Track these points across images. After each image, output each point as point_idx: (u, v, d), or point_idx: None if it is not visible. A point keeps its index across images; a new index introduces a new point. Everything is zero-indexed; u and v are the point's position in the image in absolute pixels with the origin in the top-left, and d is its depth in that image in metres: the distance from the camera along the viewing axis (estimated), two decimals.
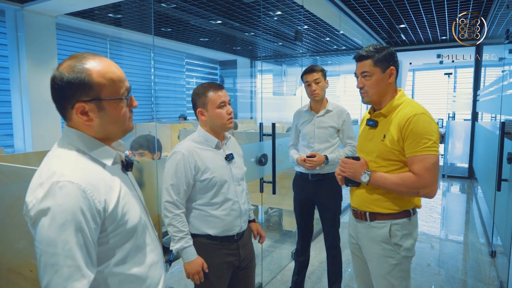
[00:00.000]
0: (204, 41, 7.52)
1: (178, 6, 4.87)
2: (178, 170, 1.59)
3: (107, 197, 0.91)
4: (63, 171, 0.86)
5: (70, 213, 0.82)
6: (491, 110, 5.20)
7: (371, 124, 1.62)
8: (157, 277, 1.06)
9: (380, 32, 6.36)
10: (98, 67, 0.91)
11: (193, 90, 1.72)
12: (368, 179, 1.53)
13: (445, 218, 4.91)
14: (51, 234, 0.81)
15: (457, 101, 7.68)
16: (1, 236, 1.70)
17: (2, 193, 1.70)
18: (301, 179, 2.64)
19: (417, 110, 1.48)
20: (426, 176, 1.43)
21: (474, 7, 4.76)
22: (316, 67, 2.50)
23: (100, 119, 0.93)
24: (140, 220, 1.02)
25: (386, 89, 1.56)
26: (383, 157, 1.53)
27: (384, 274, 1.56)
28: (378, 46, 1.56)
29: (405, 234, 1.53)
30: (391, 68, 1.54)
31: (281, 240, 3.97)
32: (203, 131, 1.70)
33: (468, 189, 6.48)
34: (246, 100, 9.38)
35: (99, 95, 0.91)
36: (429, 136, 1.44)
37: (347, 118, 2.55)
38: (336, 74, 10.03)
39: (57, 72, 0.90)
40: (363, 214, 1.60)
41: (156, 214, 1.87)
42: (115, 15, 5.48)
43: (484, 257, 3.53)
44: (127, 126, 1.00)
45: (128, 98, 0.98)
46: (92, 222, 0.86)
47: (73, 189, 0.84)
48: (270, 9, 4.97)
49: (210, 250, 1.66)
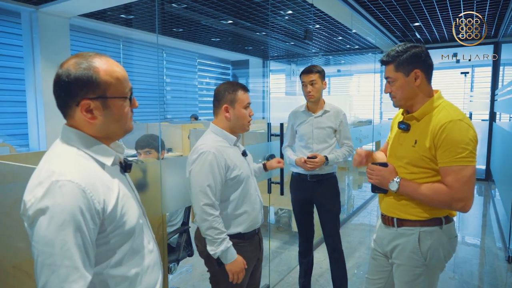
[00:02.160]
0: (216, 41, 7.54)
1: (189, 6, 4.89)
2: (213, 170, 1.57)
3: (106, 198, 0.90)
4: (63, 170, 0.85)
5: (69, 213, 0.81)
6: (509, 110, 5.03)
7: (402, 127, 1.51)
8: (153, 280, 1.05)
9: (394, 30, 6.24)
10: (104, 65, 0.92)
11: (219, 86, 1.72)
12: (397, 187, 1.45)
13: (461, 221, 4.78)
14: (49, 234, 0.80)
15: (475, 101, 7.47)
16: (6, 233, 1.72)
17: (8, 191, 1.72)
18: (299, 180, 2.59)
19: (453, 115, 1.36)
20: (460, 189, 1.33)
21: (491, 5, 4.62)
22: (314, 68, 2.47)
23: (103, 117, 0.93)
24: (138, 222, 1.00)
25: (414, 93, 1.45)
26: (414, 163, 1.44)
27: (407, 281, 1.49)
28: (402, 47, 1.45)
29: (434, 243, 1.44)
30: (415, 71, 1.43)
31: (290, 242, 3.93)
32: (219, 129, 1.70)
33: (485, 191, 6.29)
34: (258, 100, 9.35)
35: (105, 93, 0.91)
36: (465, 146, 1.32)
37: (344, 119, 2.54)
38: (349, 73, 9.91)
39: (62, 69, 0.90)
40: (390, 219, 1.53)
41: (160, 214, 1.86)
42: (127, 16, 5.54)
43: (500, 263, 3.41)
44: (128, 126, 1.00)
45: (131, 98, 0.98)
46: (91, 222, 0.85)
47: (73, 188, 0.83)
48: (280, 8, 4.93)
49: (238, 249, 1.65)
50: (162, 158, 2.36)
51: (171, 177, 1.94)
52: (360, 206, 5.29)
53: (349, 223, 4.58)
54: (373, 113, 5.96)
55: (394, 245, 1.53)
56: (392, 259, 1.56)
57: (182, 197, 2.02)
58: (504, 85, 5.92)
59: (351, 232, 4.24)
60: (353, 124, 5.64)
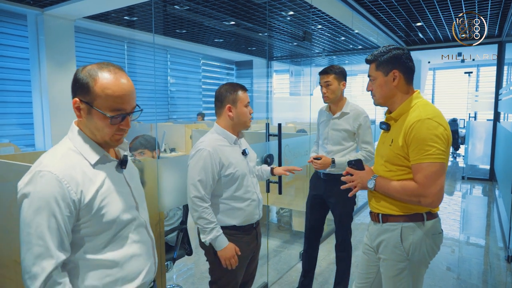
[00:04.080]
0: (219, 42, 7.59)
1: (191, 8, 4.94)
2: (205, 167, 1.69)
3: (84, 189, 0.99)
4: (48, 162, 0.98)
5: (45, 200, 0.93)
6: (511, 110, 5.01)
7: (383, 127, 1.61)
8: (137, 269, 1.11)
9: (396, 31, 6.23)
10: (105, 80, 1.01)
11: (220, 87, 1.83)
12: (373, 185, 1.53)
13: (465, 221, 4.76)
14: (28, 216, 0.93)
15: (479, 101, 7.42)
16: (6, 228, 1.78)
17: (8, 189, 1.78)
18: (316, 177, 2.68)
19: (423, 114, 1.41)
20: (428, 185, 1.38)
21: (493, 4, 4.60)
22: (330, 69, 2.45)
23: (87, 120, 1.04)
24: (121, 215, 1.07)
25: (392, 93, 1.53)
26: (391, 161, 1.51)
27: (391, 276, 1.54)
28: (386, 48, 1.53)
29: (416, 239, 1.48)
30: (393, 71, 1.50)
31: (290, 241, 3.96)
32: (221, 128, 1.81)
33: (489, 191, 6.25)
34: (262, 101, 9.40)
35: (92, 102, 1.01)
36: (432, 143, 1.37)
37: (363, 122, 2.46)
38: (353, 73, 9.89)
39: (79, 69, 1.05)
40: (376, 216, 1.59)
41: (156, 212, 1.91)
42: (130, 18, 5.61)
43: (500, 262, 3.40)
44: (110, 140, 1.06)
45: (114, 118, 1.02)
46: (66, 210, 0.95)
47: (51, 178, 0.94)
48: (279, 9, 4.96)
49: (234, 239, 1.77)
50: (158, 157, 2.42)
51: (169, 176, 1.98)
52: (361, 206, 5.30)
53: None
54: (375, 114, 5.96)
55: (379, 241, 1.58)
56: (378, 254, 1.61)
57: (179, 195, 2.06)
58: (507, 84, 5.88)
59: (352, 231, 4.25)
60: None
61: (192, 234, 2.57)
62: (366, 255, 1.71)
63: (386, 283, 1.58)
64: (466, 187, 6.57)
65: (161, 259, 1.99)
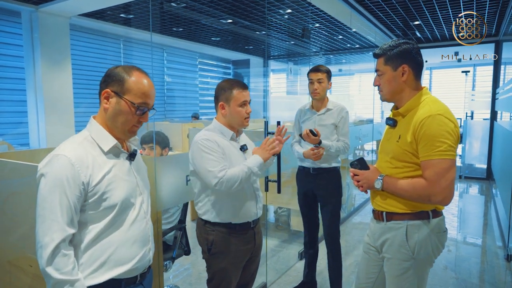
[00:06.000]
0: (216, 40, 7.54)
1: (188, 5, 4.89)
2: (209, 150, 1.63)
3: (93, 173, 1.11)
4: (64, 148, 1.11)
5: (59, 179, 1.05)
6: (510, 109, 5.01)
7: (390, 123, 1.55)
8: (132, 253, 1.19)
9: (393, 29, 6.23)
10: (137, 77, 1.19)
11: (218, 83, 1.78)
12: (381, 185, 1.49)
13: (462, 220, 4.76)
14: (44, 193, 1.06)
15: (476, 100, 7.44)
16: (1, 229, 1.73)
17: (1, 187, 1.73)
18: (303, 172, 2.71)
19: (433, 110, 1.38)
20: (438, 182, 1.35)
21: (491, 3, 4.60)
22: (322, 67, 2.56)
23: (113, 109, 1.17)
24: (124, 201, 1.17)
25: (400, 88, 1.49)
26: (397, 158, 1.47)
27: (396, 275, 1.51)
28: (394, 42, 1.48)
29: (422, 237, 1.45)
30: (403, 66, 1.46)
31: (289, 240, 3.93)
32: (219, 124, 1.77)
33: (486, 190, 6.26)
34: (259, 99, 9.36)
35: (123, 93, 1.16)
36: (443, 139, 1.34)
37: (345, 115, 2.61)
38: (351, 73, 9.89)
39: (111, 68, 1.19)
40: (380, 214, 1.55)
41: (154, 211, 1.87)
42: (126, 15, 5.55)
43: (500, 261, 3.40)
44: (128, 130, 1.20)
45: (139, 110, 1.18)
46: (76, 190, 1.07)
47: (65, 161, 1.07)
48: (277, 7, 4.93)
49: (230, 238, 1.71)
50: (166, 155, 2.42)
51: (167, 174, 1.94)
52: (360, 205, 5.28)
53: (349, 222, 4.57)
54: (373, 112, 5.95)
55: (383, 239, 1.54)
56: (382, 253, 1.57)
57: (178, 194, 2.03)
58: (504, 83, 5.89)
59: (351, 231, 4.24)
60: (354, 123, 5.63)
61: (190, 233, 2.54)
62: (368, 254, 1.67)
63: (391, 283, 1.54)
64: (463, 186, 6.58)
65: (159, 258, 1.95)
